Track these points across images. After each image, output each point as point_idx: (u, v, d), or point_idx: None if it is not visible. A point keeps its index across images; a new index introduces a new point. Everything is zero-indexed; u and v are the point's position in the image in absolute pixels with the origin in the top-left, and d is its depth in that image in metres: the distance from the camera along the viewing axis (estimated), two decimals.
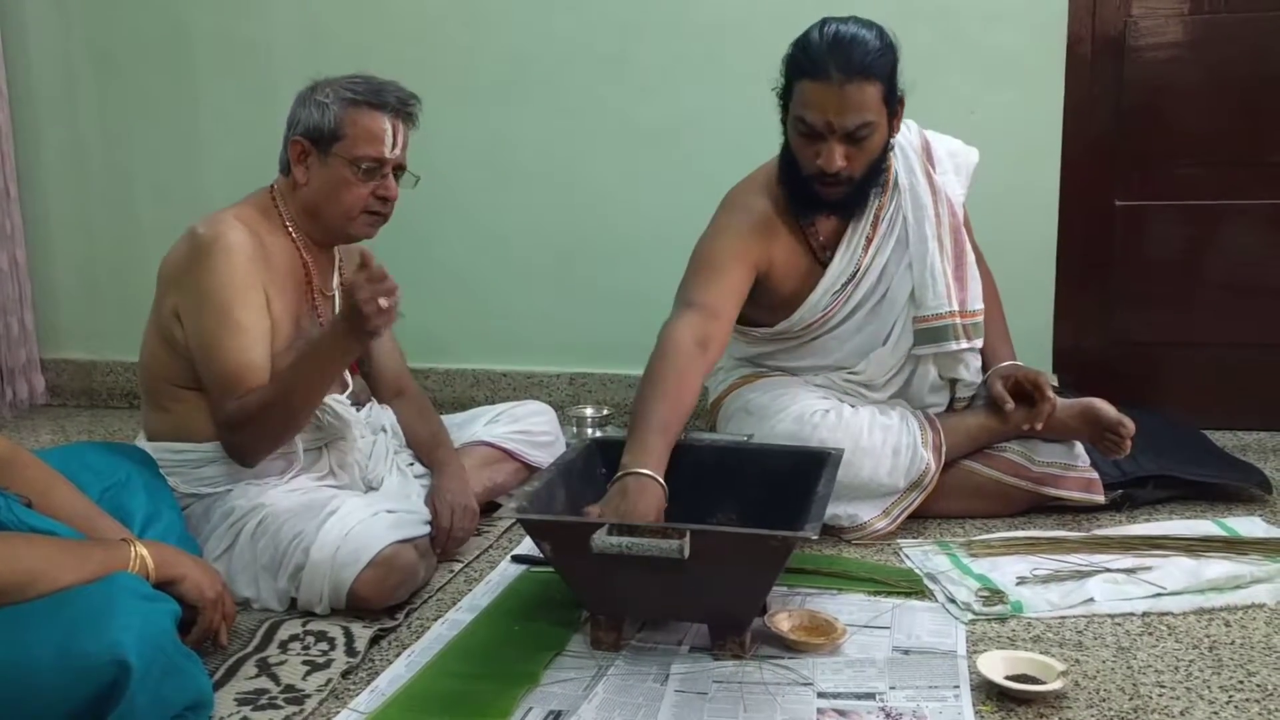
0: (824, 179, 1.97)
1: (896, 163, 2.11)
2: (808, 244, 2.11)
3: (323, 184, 1.89)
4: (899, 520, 2.05)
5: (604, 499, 1.67)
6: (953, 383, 2.17)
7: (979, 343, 2.13)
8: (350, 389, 2.01)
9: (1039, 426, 2.08)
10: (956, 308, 2.09)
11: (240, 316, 1.78)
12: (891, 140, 2.03)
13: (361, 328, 1.67)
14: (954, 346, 2.09)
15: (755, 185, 2.14)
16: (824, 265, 2.12)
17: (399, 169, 1.92)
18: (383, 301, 1.64)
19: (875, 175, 2.03)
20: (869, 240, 2.11)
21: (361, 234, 1.95)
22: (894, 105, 1.97)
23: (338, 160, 1.87)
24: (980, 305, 2.13)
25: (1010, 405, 2.08)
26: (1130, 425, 2.07)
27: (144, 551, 1.42)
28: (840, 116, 1.90)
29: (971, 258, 2.16)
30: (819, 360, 2.18)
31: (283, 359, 1.83)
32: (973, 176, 2.23)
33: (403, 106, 1.90)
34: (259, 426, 1.76)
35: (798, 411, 2.07)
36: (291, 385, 1.75)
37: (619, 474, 1.69)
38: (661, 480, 1.69)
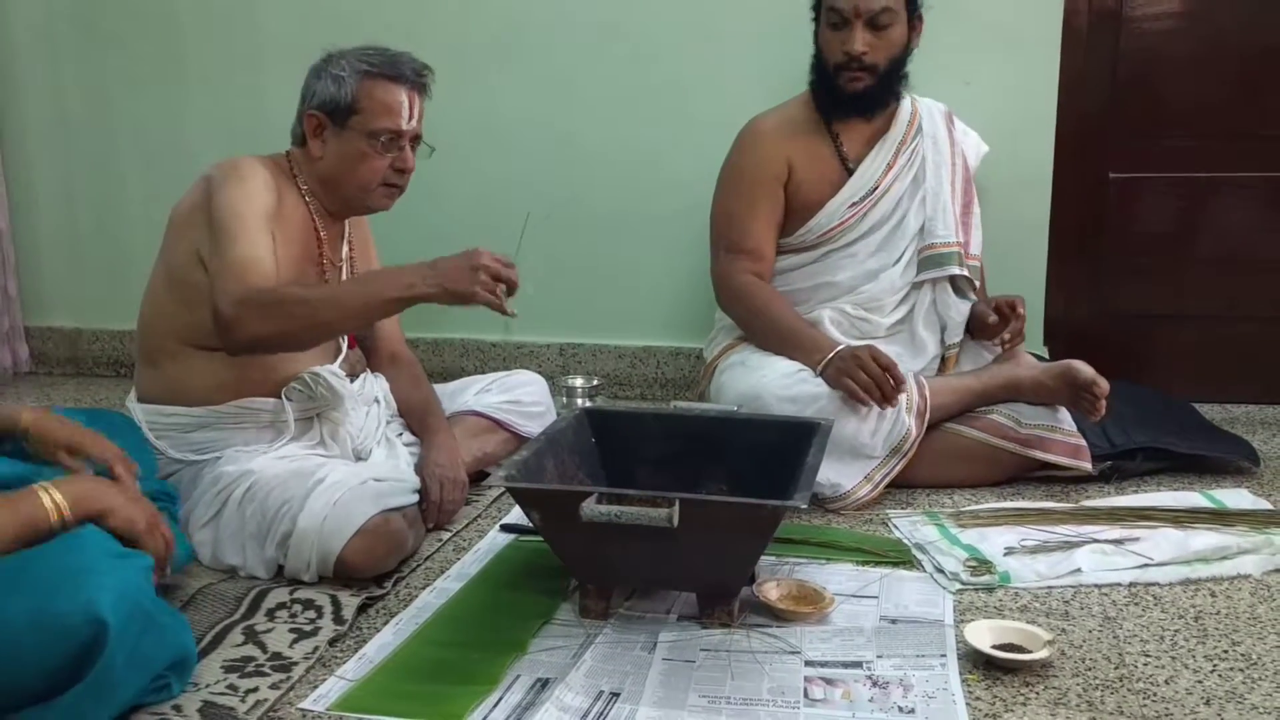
0: (848, 66, 2.19)
1: (921, 110, 2.34)
2: (837, 152, 2.30)
3: (340, 157, 1.90)
4: (881, 486, 2.06)
5: (832, 381, 2.05)
6: (943, 346, 2.28)
7: (974, 283, 2.30)
8: (343, 356, 1.99)
9: (1008, 338, 2.19)
10: (962, 239, 2.28)
11: (255, 223, 1.77)
12: (911, 47, 2.24)
13: (455, 287, 1.67)
14: (954, 270, 2.25)
15: (781, 106, 2.36)
16: (850, 174, 2.29)
17: (415, 140, 1.93)
18: (485, 292, 1.66)
19: (895, 74, 2.24)
20: (889, 166, 2.29)
21: (379, 206, 1.96)
22: (914, 10, 2.21)
23: (355, 133, 1.88)
24: (979, 253, 2.32)
25: (994, 318, 2.19)
26: (1104, 385, 2.11)
27: (56, 495, 1.33)
28: (866, 0, 2.15)
29: (977, 211, 2.34)
30: (832, 276, 2.30)
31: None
32: (980, 161, 2.42)
33: (418, 78, 1.92)
34: (276, 312, 1.69)
35: (788, 365, 2.15)
36: (336, 294, 1.76)
37: (830, 356, 2.06)
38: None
